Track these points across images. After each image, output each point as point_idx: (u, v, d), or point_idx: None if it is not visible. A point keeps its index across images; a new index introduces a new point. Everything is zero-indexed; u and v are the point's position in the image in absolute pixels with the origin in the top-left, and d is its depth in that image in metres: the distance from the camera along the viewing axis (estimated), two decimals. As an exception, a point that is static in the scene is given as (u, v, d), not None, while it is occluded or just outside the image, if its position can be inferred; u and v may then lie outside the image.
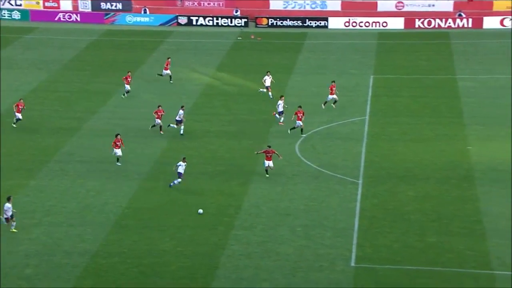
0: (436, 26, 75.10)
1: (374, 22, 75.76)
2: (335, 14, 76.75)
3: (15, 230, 34.94)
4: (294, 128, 46.82)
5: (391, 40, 71.09)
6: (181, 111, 47.47)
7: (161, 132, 47.14)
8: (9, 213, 34.96)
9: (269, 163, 40.29)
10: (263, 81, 54.09)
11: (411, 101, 53.63)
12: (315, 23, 75.84)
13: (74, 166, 42.84)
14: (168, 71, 57.73)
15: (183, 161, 39.79)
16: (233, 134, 47.76)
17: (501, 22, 73.89)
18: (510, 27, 73.20)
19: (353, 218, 37.00)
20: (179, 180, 39.64)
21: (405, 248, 34.15)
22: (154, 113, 47.33)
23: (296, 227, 36.23)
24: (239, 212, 37.73)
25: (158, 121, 47.19)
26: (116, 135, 42.82)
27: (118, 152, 42.46)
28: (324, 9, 77.82)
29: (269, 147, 40.84)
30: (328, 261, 33.20)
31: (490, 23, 73.96)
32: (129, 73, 55.46)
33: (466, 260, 33.08)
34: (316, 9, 77.78)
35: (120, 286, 31.34)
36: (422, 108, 52.18)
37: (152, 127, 47.41)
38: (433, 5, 76.66)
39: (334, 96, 51.37)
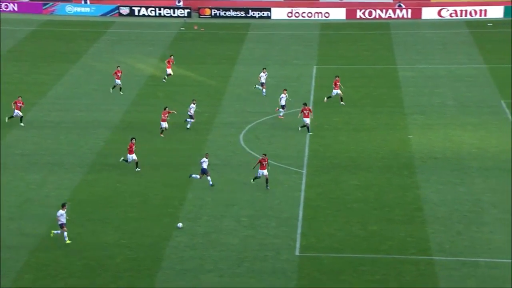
0: (377, 16, 75.65)
1: (316, 12, 75.93)
2: (277, 4, 76.66)
3: (69, 241, 33.12)
4: (304, 126, 45.12)
5: (333, 31, 71.38)
6: (192, 105, 46.34)
7: (162, 135, 44.59)
8: (63, 220, 33.22)
9: (263, 172, 37.91)
10: (258, 77, 52.57)
11: (353, 91, 53.89)
12: (258, 13, 75.66)
13: (13, 159, 41.95)
14: (170, 70, 55.10)
15: (206, 157, 38.96)
16: (177, 125, 47.31)
17: (439, 13, 74.83)
18: (447, 17, 74.16)
19: (298, 207, 37.03)
20: (198, 176, 38.68)
21: (348, 237, 34.31)
22: (162, 114, 44.81)
23: (241, 217, 36.09)
24: (183, 203, 37.42)
25: (164, 124, 44.68)
26: (131, 139, 40.16)
27: (134, 156, 39.75)
28: (267, 0, 77.68)
29: (265, 155, 38.50)
30: (273, 251, 33.17)
31: (428, 13, 74.83)
32: (118, 67, 53.29)
33: (406, 246, 33.39)
34: (259, -1, 77.71)
35: (63, 280, 30.78)
36: (364, 98, 52.50)
37: (161, 132, 44.79)
38: (374, -4, 77.23)
39: (339, 91, 50.10)
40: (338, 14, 75.93)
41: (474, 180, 39.40)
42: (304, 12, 75.92)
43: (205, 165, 38.88)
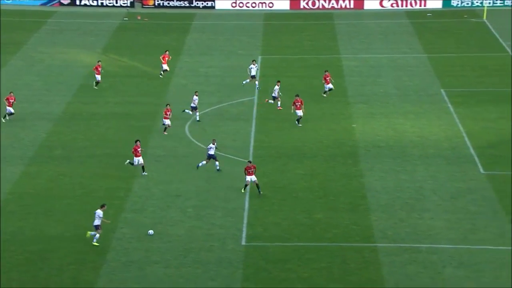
0: (320, 7, 75.86)
1: (260, 2, 75.76)
2: (222, -6, 76.25)
3: (96, 244, 32.30)
4: (299, 119, 44.75)
5: (277, 21, 71.35)
6: (195, 97, 45.67)
7: (165, 133, 43.31)
8: (98, 222, 32.43)
9: (251, 178, 36.76)
10: (248, 70, 51.77)
11: (298, 81, 53.98)
12: (202, 3, 75.16)
13: (-45, 153, 40.95)
14: (166, 66, 53.39)
15: (213, 143, 38.71)
16: (121, 116, 46.77)
17: (380, 3, 75.43)
18: (388, 7, 74.79)
19: (244, 197, 36.93)
20: (204, 162, 38.66)
21: (294, 225, 34.38)
22: (164, 112, 43.41)
23: (187, 208, 35.85)
24: (129, 194, 36.99)
25: (167, 121, 43.24)
26: (136, 141, 38.34)
27: (141, 160, 38.05)
28: (210, -10, 77.17)
29: (250, 162, 37.49)
30: (219, 241, 33.04)
31: (370, 4, 75.33)
32: (99, 62, 51.87)
33: (351, 234, 33.62)
34: (202, -11, 77.04)
35: (5, 274, 30.14)
36: (309, 88, 52.61)
37: (164, 130, 43.43)
38: (318, -14, 77.33)
39: (331, 85, 49.53)
40: (282, 4, 75.90)
41: (416, 167, 39.86)
42: (248, 2, 75.68)
43: (212, 151, 38.85)
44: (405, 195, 37.01)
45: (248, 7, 75.66)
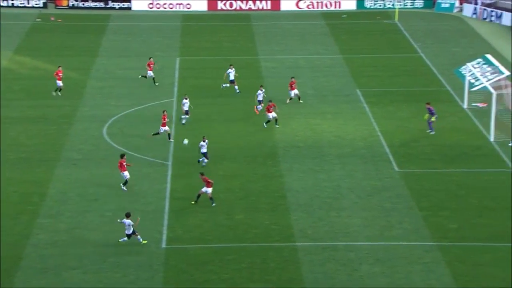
0: (238, 8, 75.88)
1: (178, 4, 75.26)
2: (138, -4, 75.37)
3: (145, 242, 32.00)
4: (269, 121, 44.49)
5: (195, 22, 71.02)
6: (185, 101, 44.84)
7: (171, 140, 42.21)
8: (129, 231, 31.61)
9: (207, 190, 35.91)
10: (225, 74, 50.64)
11: (216, 82, 53.77)
12: (118, 4, 74.13)
13: None
14: (151, 73, 51.80)
15: (204, 141, 38.54)
16: (35, 119, 45.61)
17: (297, 4, 76.01)
18: (305, 9, 75.44)
19: (164, 200, 36.53)
20: (206, 160, 38.52)
21: (215, 227, 34.18)
22: (162, 118, 42.23)
23: (105, 212, 35.18)
24: (44, 199, 36.05)
25: (165, 128, 41.99)
26: (122, 156, 36.87)
27: (127, 174, 36.55)
28: (127, -9, 76.21)
29: (202, 174, 36.22)
30: (139, 245, 32.53)
31: (287, 5, 75.83)
32: (60, 67, 49.99)
33: (271, 234, 33.65)
34: (119, -10, 76.00)
35: None
36: (230, 89, 52.44)
37: (154, 134, 42.22)
38: (235, -12, 77.31)
39: (296, 91, 48.72)
40: (199, 5, 75.58)
41: (334, 167, 40.23)
42: (165, 4, 75.08)
43: (204, 149, 38.70)
44: (323, 194, 37.29)
45: (166, 8, 75.05)
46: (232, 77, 50.72)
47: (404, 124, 45.99)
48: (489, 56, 48.72)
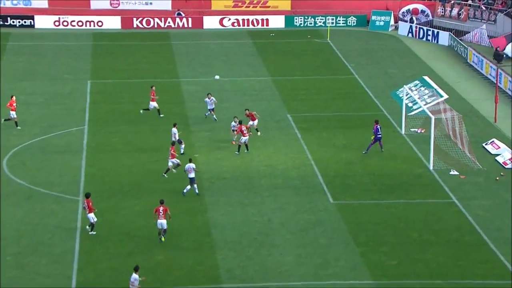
0: (156, 26, 75.80)
1: (88, 21, 74.68)
2: (42, 12, 74.42)
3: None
4: (246, 146, 44.89)
5: (108, 41, 70.57)
6: (174, 129, 44.97)
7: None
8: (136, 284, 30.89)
9: (162, 223, 35.56)
10: (205, 102, 50.45)
11: (134, 108, 53.41)
12: (19, 22, 72.99)
13: None
14: (155, 104, 50.87)
15: (190, 161, 39.95)
16: None
17: (221, 22, 76.38)
18: (230, 27, 75.93)
19: (74, 240, 35.85)
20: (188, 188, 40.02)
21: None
22: (170, 150, 42.12)
23: (5, 256, 34.29)
24: None
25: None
26: (87, 196, 36.19)
27: (93, 218, 35.99)
28: (29, 6, 75.20)
29: (161, 202, 35.96)
30: (46, 292, 31.82)
31: (210, 23, 76.16)
32: (13, 97, 48.52)
33: (195, 275, 33.38)
34: (19, 5, 74.88)
35: None
36: (146, 116, 52.10)
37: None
38: (151, 3, 77.31)
39: (256, 121, 48.31)
40: (112, 22, 75.15)
41: (264, 200, 40.29)
42: (73, 21, 74.36)
43: (192, 174, 39.38)
44: (253, 230, 37.25)
45: (74, 26, 74.34)
46: (210, 106, 50.45)
47: (339, 152, 46.50)
48: (426, 78, 49.83)
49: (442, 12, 74.90)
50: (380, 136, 45.84)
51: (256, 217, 38.41)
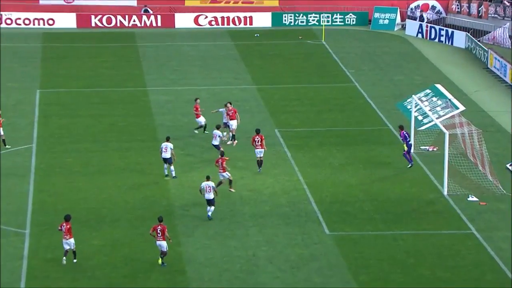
0: (118, 24, 76.03)
1: (36, 19, 74.79)
2: (-19, 8, 74.54)
3: None
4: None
5: (61, 43, 70.70)
6: (167, 143, 45.21)
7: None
8: None
9: (160, 244, 36.79)
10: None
11: (93, 122, 53.52)
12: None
13: None
14: (203, 120, 51.13)
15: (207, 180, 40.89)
16: None
17: (196, 21, 76.68)
18: (206, 26, 76.25)
19: (19, 281, 35.80)
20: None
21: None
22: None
23: None
24: None
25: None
26: (67, 220, 36.73)
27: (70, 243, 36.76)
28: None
29: (160, 220, 36.92)
30: None
31: (183, 21, 76.47)
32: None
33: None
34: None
35: None
36: (108, 131, 52.24)
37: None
38: (113, -2, 77.69)
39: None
40: (66, 21, 75.33)
41: (248, 230, 40.42)
42: (19, 18, 74.47)
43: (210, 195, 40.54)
44: (235, 267, 37.36)
45: (20, 24, 74.43)
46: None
47: (337, 173, 46.74)
48: (439, 86, 50.22)
49: (458, 8, 75.59)
50: (410, 143, 46.39)
51: (239, 252, 38.51)
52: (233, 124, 49.49)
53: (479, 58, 67.42)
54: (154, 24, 76.47)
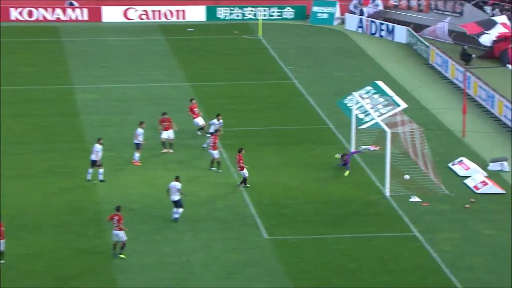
0: (41, 18, 75.50)
1: None
2: None
3: None
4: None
5: (-22, 39, 70.06)
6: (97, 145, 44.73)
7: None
8: None
9: (117, 234, 37.19)
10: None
11: (13, 122, 53.13)
12: None
13: None
14: (200, 120, 51.17)
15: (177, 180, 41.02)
16: None
17: (125, 14, 76.47)
18: (136, 20, 76.07)
19: None
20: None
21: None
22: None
23: None
24: None
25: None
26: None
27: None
28: None
29: (117, 210, 37.76)
30: None
31: (111, 15, 76.20)
32: None
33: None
34: None
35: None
36: (30, 132, 51.89)
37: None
38: (35, -10, 77.12)
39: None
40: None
41: (182, 236, 40.45)
42: None
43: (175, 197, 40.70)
44: (168, 274, 37.37)
45: None
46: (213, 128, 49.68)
47: (275, 175, 47.03)
48: (380, 83, 50.81)
49: (396, 1, 76.39)
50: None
51: (172, 258, 38.57)
52: (169, 134, 49.19)
53: (420, 54, 68.34)
54: (80, 18, 76.10)
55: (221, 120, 49.88)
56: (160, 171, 47.08)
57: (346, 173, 46.68)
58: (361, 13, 76.17)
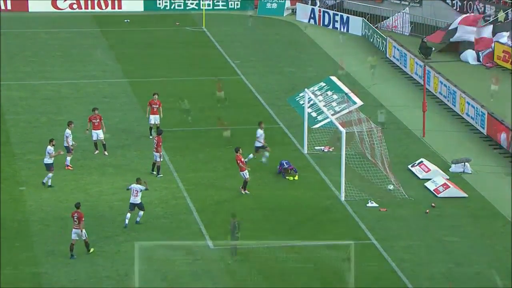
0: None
1: None
2: None
3: None
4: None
5: None
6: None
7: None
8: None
9: (77, 232, 37.36)
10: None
11: None
12: None
13: None
14: (155, 118, 51.00)
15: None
16: None
17: (54, 4, 76.09)
18: (67, 9, 75.75)
19: None
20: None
21: None
22: None
23: None
24: None
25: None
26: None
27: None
28: None
29: (77, 207, 38.11)
30: None
31: (39, 4, 75.79)
32: None
33: None
34: None
35: None
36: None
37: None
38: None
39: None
40: None
41: (119, 246, 40.14)
42: None
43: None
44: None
45: None
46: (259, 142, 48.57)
47: (221, 179, 47.04)
48: (334, 79, 51.11)
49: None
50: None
51: (108, 271, 38.40)
52: (100, 133, 49.05)
53: (377, 47, 68.77)
54: (3, 7, 75.65)
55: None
56: (95, 176, 46.90)
57: (296, 177, 46.83)
58: (314, 3, 76.44)
